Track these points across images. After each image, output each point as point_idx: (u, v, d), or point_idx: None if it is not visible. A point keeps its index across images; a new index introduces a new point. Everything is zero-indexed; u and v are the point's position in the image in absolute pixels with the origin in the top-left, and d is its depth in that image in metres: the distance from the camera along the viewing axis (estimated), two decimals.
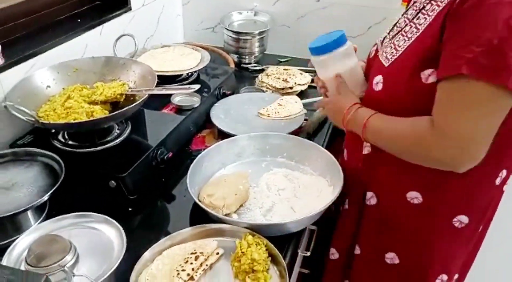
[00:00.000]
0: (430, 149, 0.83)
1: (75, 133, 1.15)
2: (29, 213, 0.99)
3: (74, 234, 0.87)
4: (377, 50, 1.02)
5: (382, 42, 1.01)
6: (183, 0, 1.94)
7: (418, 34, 0.87)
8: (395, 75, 0.90)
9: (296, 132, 1.30)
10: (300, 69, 1.66)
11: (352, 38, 1.76)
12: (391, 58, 0.91)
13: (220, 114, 1.36)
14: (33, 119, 1.01)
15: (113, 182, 1.05)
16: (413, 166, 0.89)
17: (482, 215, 0.98)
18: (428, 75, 0.83)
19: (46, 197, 0.95)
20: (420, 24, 0.87)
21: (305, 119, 1.37)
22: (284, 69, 1.64)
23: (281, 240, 0.95)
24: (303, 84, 1.56)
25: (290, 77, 1.57)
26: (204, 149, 1.17)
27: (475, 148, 0.80)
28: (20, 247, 0.85)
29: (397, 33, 0.95)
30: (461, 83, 0.76)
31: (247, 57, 1.77)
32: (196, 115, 1.33)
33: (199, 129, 1.35)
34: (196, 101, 1.33)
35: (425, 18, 0.87)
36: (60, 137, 1.15)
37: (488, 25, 0.73)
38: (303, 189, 1.08)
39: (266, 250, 0.90)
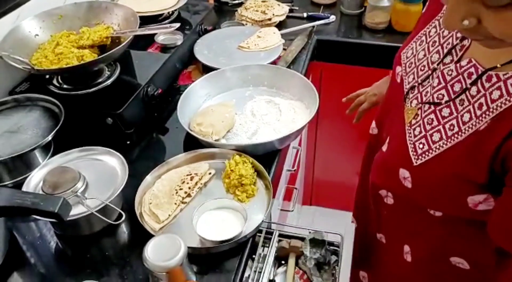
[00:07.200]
0: None
1: (68, 77, 1.20)
2: (37, 152, 1.07)
3: (80, 165, 0.94)
4: (402, 80, 0.79)
5: (406, 71, 0.78)
6: None
7: (460, 138, 0.63)
8: (429, 185, 0.68)
9: (275, 62, 1.37)
10: (277, 0, 1.70)
11: None
12: (422, 156, 0.67)
13: (204, 50, 1.41)
14: (29, 66, 1.08)
15: (109, 119, 1.12)
16: None
17: None
18: (478, 202, 0.63)
19: (50, 137, 1.03)
20: (464, 122, 0.63)
21: (284, 49, 1.43)
22: (262, 1, 1.66)
23: (266, 158, 1.05)
24: (281, 15, 1.60)
25: (268, 9, 1.60)
26: (191, 84, 1.25)
27: None
28: (35, 180, 0.92)
29: (429, 104, 0.68)
30: None
31: None
32: (181, 53, 1.38)
33: (185, 65, 1.41)
34: (179, 39, 1.37)
35: (470, 116, 0.62)
36: (55, 82, 1.21)
37: None
38: (284, 113, 1.17)
39: (252, 166, 1.00)
